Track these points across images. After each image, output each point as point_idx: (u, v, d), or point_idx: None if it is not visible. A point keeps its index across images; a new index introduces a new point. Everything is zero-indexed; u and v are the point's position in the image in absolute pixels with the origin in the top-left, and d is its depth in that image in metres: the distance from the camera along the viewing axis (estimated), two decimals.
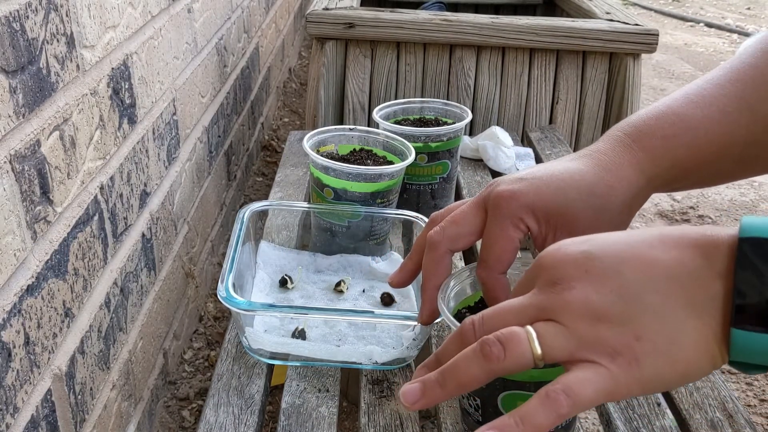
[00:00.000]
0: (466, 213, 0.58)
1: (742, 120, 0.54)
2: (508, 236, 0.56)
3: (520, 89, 1.43)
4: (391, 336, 0.73)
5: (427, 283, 0.60)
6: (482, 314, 0.46)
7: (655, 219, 2.25)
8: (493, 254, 0.56)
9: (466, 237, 0.58)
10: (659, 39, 1.40)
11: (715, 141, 0.55)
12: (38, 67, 0.71)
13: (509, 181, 0.57)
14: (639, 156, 0.56)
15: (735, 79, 0.56)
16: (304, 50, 3.26)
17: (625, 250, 0.42)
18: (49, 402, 0.75)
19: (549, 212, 0.55)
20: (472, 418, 0.60)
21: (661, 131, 0.56)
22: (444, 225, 0.59)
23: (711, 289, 0.40)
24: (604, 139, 0.58)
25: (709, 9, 5.17)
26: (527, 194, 0.55)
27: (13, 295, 0.67)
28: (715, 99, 0.55)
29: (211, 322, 1.45)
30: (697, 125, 0.55)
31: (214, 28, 1.49)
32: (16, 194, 0.67)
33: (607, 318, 0.41)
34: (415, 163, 0.99)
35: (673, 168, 0.56)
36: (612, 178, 0.55)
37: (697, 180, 0.58)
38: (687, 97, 0.57)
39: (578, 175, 0.55)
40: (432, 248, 0.59)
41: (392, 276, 0.65)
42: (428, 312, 0.61)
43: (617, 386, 0.41)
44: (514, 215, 0.55)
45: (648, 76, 3.49)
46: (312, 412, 0.66)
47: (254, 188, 1.97)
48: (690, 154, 0.55)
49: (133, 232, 1.02)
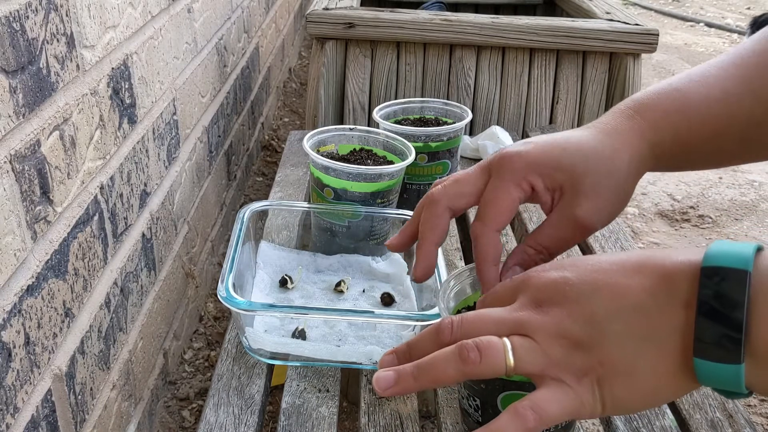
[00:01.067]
0: (470, 174, 0.59)
1: (745, 101, 0.55)
2: (509, 194, 0.56)
3: (520, 89, 1.43)
4: (391, 336, 0.73)
5: (424, 239, 0.60)
6: (462, 317, 0.47)
7: (655, 219, 2.25)
8: (492, 210, 0.57)
9: (467, 197, 0.59)
10: (659, 39, 1.40)
11: (715, 119, 0.56)
12: (38, 67, 0.71)
13: (515, 145, 0.58)
14: (641, 124, 0.57)
15: (738, 64, 0.57)
16: (304, 50, 3.26)
17: (600, 279, 0.45)
18: (49, 402, 0.75)
19: (554, 170, 0.56)
20: (472, 418, 0.60)
21: (662, 105, 0.57)
22: (446, 182, 0.60)
23: (674, 319, 0.42)
24: (609, 113, 0.59)
25: (709, 9, 5.17)
26: (532, 153, 0.56)
27: (13, 295, 0.67)
28: (718, 80, 0.56)
29: (211, 322, 1.45)
30: (699, 103, 0.56)
31: (214, 28, 1.49)
32: (16, 194, 0.67)
33: (576, 342, 0.44)
34: (416, 163, 0.99)
35: (675, 143, 0.57)
36: (616, 143, 0.56)
37: (700, 158, 0.58)
38: (690, 77, 0.58)
39: (584, 139, 0.57)
40: (431, 204, 0.59)
41: (391, 239, 0.65)
42: (423, 268, 0.60)
43: (582, 406, 0.43)
44: (518, 173, 0.56)
45: (648, 76, 3.49)
46: (312, 412, 0.66)
47: (254, 188, 1.97)
48: (691, 128, 0.56)
49: (133, 232, 1.02)
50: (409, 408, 0.67)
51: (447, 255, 0.94)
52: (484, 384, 0.57)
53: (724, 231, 2.20)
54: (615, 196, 0.56)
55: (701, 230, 2.20)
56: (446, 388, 0.70)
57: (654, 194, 2.37)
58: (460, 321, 0.47)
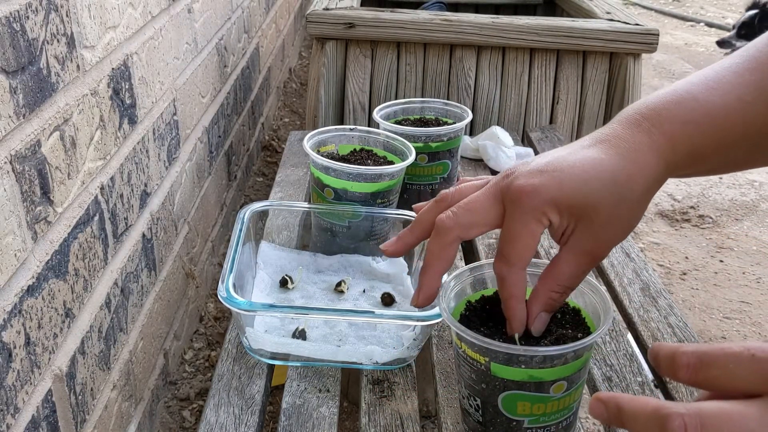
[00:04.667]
0: (482, 202, 0.57)
1: (759, 109, 0.54)
2: (530, 232, 0.54)
3: (521, 89, 1.43)
4: (391, 336, 0.73)
5: (429, 267, 0.58)
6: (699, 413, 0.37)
7: (655, 218, 2.25)
8: (516, 250, 0.55)
9: (480, 227, 0.57)
10: (659, 39, 1.40)
11: (732, 129, 0.54)
12: (38, 68, 0.71)
13: (528, 174, 0.55)
14: (659, 141, 0.54)
15: (753, 68, 0.55)
16: (304, 50, 3.26)
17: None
18: (49, 402, 0.75)
19: (572, 205, 0.54)
20: (473, 418, 0.60)
21: (681, 116, 0.54)
22: (457, 211, 0.58)
23: None
24: (621, 121, 0.56)
25: (710, 9, 5.17)
26: (550, 188, 0.54)
27: (13, 296, 0.67)
28: (734, 87, 0.54)
29: (212, 323, 1.45)
30: (717, 113, 0.54)
31: (214, 29, 1.49)
32: (16, 195, 0.67)
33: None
34: (416, 163, 0.99)
35: (690, 154, 0.55)
36: (632, 167, 0.54)
37: (708, 168, 0.57)
38: (707, 83, 0.55)
39: (599, 165, 0.54)
40: (442, 233, 0.58)
41: (387, 244, 0.63)
42: (425, 296, 0.60)
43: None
44: (536, 210, 0.54)
45: (648, 75, 3.49)
46: (312, 412, 0.66)
47: (254, 188, 1.97)
48: (706, 141, 0.54)
49: (134, 232, 1.02)
50: (410, 408, 0.67)
51: None
52: (484, 384, 0.57)
53: (724, 231, 2.20)
54: (628, 222, 0.55)
55: (701, 230, 2.20)
56: (446, 388, 0.70)
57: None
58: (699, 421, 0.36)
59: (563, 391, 0.56)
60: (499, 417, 0.58)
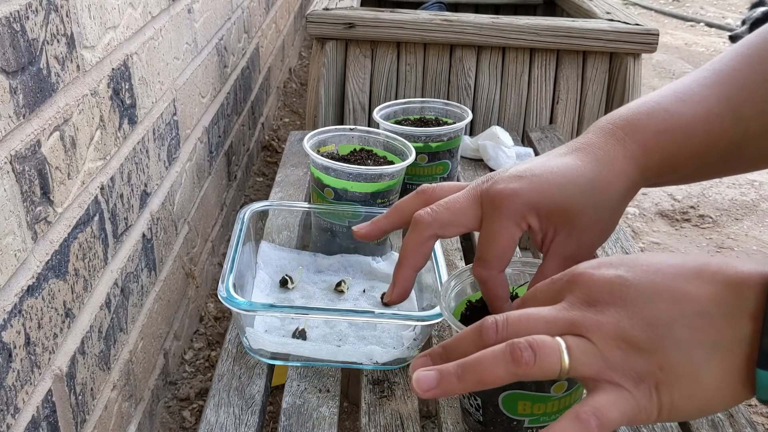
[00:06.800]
0: (462, 203, 0.58)
1: (726, 121, 0.56)
2: (509, 235, 0.56)
3: (521, 89, 1.43)
4: (391, 336, 0.73)
5: (404, 261, 0.59)
6: (506, 316, 0.45)
7: (655, 219, 2.25)
8: (493, 252, 0.56)
9: (457, 227, 0.58)
10: (659, 39, 1.40)
11: (701, 138, 0.56)
12: (38, 68, 0.71)
13: (507, 179, 0.57)
14: (633, 149, 0.56)
15: (720, 82, 0.57)
16: (304, 50, 3.26)
17: (658, 281, 0.43)
18: (49, 402, 0.75)
19: (551, 210, 0.55)
20: (473, 417, 0.60)
21: (653, 126, 0.56)
22: (437, 209, 0.58)
23: (740, 330, 0.41)
24: (595, 131, 0.58)
25: (709, 9, 5.17)
26: (529, 192, 0.55)
27: (13, 296, 0.67)
28: (702, 99, 0.56)
29: (212, 323, 1.45)
30: (686, 123, 0.56)
31: (214, 29, 1.49)
32: (16, 195, 0.67)
33: (636, 344, 0.42)
34: (416, 163, 0.99)
35: (663, 162, 0.57)
36: (609, 173, 0.55)
37: (685, 174, 0.59)
38: (676, 95, 0.57)
39: (576, 171, 0.56)
40: (419, 228, 0.58)
41: (360, 226, 0.64)
42: (399, 292, 0.60)
43: (639, 411, 0.42)
44: (516, 214, 0.55)
45: (648, 75, 3.49)
46: (313, 412, 0.66)
47: (254, 188, 1.97)
48: (678, 149, 0.56)
49: (134, 232, 1.02)
50: (410, 408, 0.67)
51: (447, 255, 0.94)
52: None
53: (724, 231, 2.20)
54: (606, 226, 0.57)
55: (701, 230, 2.20)
56: None
57: (654, 194, 2.37)
58: (506, 320, 0.45)
59: (564, 390, 0.56)
60: (500, 416, 0.58)
